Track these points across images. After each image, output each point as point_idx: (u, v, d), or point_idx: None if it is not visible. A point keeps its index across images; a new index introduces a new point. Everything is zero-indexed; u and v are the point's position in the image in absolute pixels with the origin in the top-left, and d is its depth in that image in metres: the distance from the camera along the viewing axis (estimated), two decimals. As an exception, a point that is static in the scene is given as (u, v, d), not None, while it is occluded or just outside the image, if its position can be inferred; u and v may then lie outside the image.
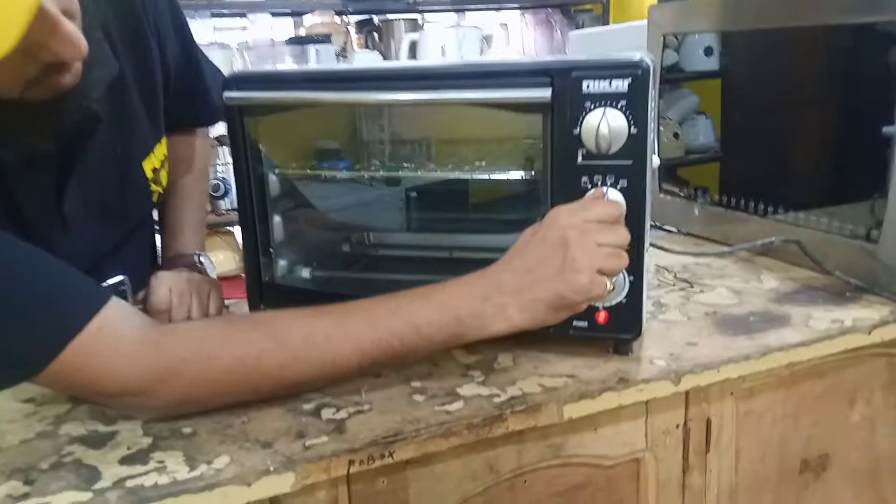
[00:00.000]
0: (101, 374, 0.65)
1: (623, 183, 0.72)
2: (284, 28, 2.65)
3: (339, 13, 2.51)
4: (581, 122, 0.72)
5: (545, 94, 0.71)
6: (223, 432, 0.67)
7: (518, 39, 2.73)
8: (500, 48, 2.61)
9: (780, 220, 1.07)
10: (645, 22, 1.68)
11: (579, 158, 0.73)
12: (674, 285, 1.00)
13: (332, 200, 1.02)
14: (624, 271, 0.74)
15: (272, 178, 0.86)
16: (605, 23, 2.60)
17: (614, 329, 0.77)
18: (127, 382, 0.65)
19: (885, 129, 0.98)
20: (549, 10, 2.70)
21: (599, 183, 0.73)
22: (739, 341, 0.82)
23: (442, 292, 0.71)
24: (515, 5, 2.74)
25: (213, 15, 2.40)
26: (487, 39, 2.44)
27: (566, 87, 0.71)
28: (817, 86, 1.12)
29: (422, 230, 1.04)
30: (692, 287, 0.99)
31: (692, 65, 1.31)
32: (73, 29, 0.62)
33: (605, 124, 0.70)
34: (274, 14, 2.53)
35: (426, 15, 2.72)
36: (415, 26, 2.61)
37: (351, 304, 0.71)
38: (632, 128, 0.71)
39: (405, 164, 0.94)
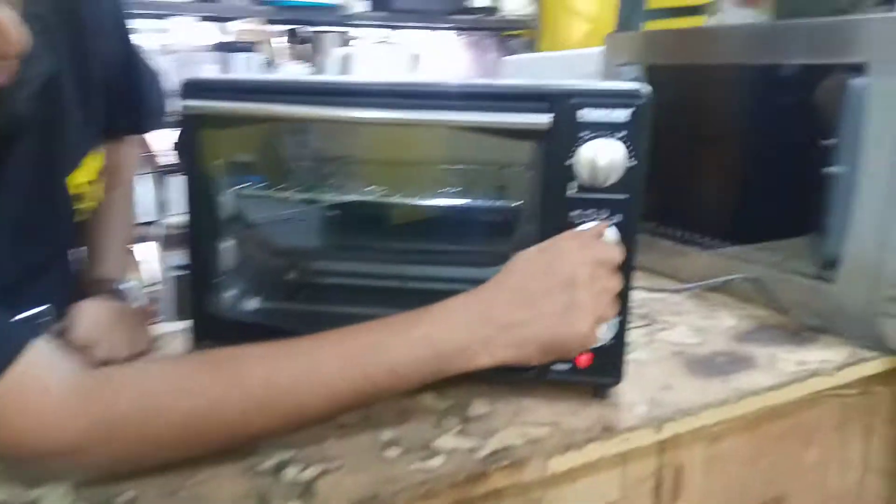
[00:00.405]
0: (23, 431, 0.55)
1: (617, 218, 0.69)
2: (208, 33, 2.52)
3: (268, 22, 2.41)
4: (575, 152, 0.68)
5: (544, 119, 0.67)
6: (170, 497, 0.59)
7: (449, 61, 2.70)
8: (431, 68, 2.57)
9: (728, 254, 1.08)
10: (581, 52, 1.69)
11: (570, 190, 0.69)
12: (633, 323, 0.98)
13: (276, 223, 0.94)
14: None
15: (223, 199, 0.78)
16: (537, 49, 2.61)
17: (596, 373, 0.73)
18: (55, 441, 0.55)
19: (825, 170, 1.01)
20: (482, 33, 2.69)
21: (593, 217, 0.69)
22: (714, 384, 0.80)
23: (423, 325, 0.63)
24: (449, 26, 2.72)
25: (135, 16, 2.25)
26: (417, 58, 2.39)
27: (563, 114, 0.67)
28: (744, 120, 1.14)
29: (372, 259, 0.98)
30: (653, 324, 0.97)
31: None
32: (11, 20, 0.53)
33: (602, 155, 0.66)
34: (198, 18, 2.40)
35: (357, 30, 2.65)
36: (346, 40, 2.54)
37: (317, 338, 0.63)
38: (631, 160, 0.68)
39: (370, 188, 0.87)
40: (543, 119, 0.66)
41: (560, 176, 0.68)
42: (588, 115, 0.67)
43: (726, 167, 1.17)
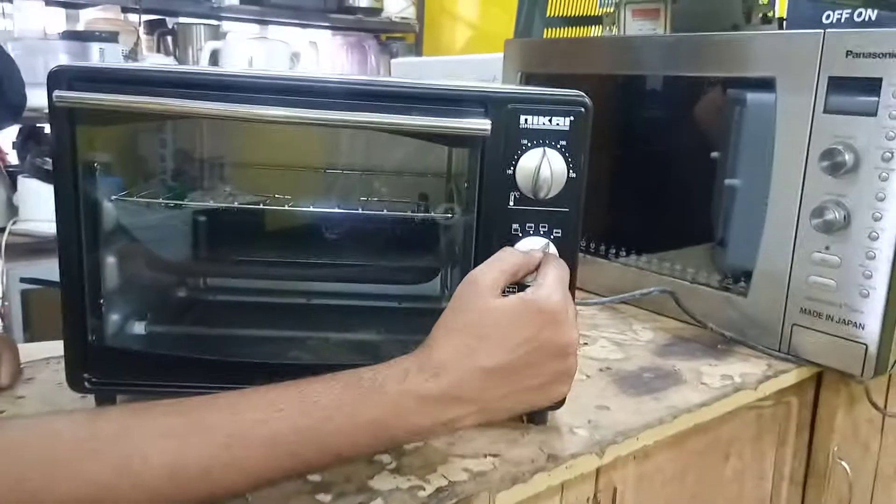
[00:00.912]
0: None
1: (557, 232, 0.64)
2: (57, 20, 2.28)
3: (126, 10, 2.21)
4: (516, 162, 0.62)
5: (484, 125, 0.61)
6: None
7: (328, 60, 2.60)
8: (309, 67, 2.46)
9: (635, 265, 1.06)
10: (477, 57, 1.65)
11: (511, 201, 0.63)
12: (554, 337, 0.94)
13: (163, 235, 0.83)
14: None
15: (107, 206, 0.67)
16: (419, 53, 2.56)
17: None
18: None
19: (727, 182, 1.02)
20: (362, 34, 2.61)
21: (532, 231, 0.64)
22: (647, 403, 0.77)
23: (372, 406, 0.53)
24: (325, 24, 2.61)
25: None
26: (296, 57, 2.28)
27: (501, 120, 0.62)
28: (645, 131, 1.14)
29: (273, 275, 0.88)
30: (574, 339, 0.93)
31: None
32: None
33: (546, 166, 0.61)
34: (47, 3, 2.16)
35: (228, 23, 2.49)
36: (216, 34, 2.38)
37: (237, 410, 0.52)
38: (570, 172, 0.63)
39: (272, 196, 0.78)
40: (483, 125, 0.60)
41: (500, 186, 0.63)
42: (530, 122, 0.62)
43: (630, 178, 1.16)
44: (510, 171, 0.63)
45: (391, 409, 0.54)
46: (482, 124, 0.61)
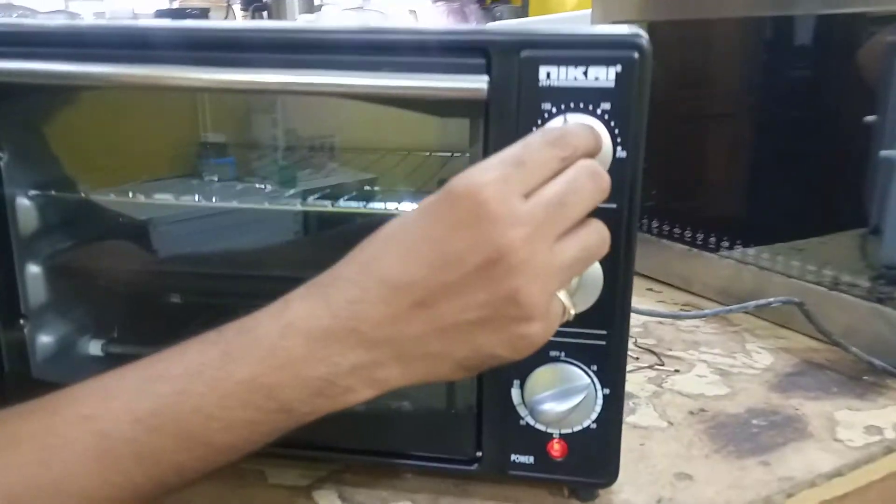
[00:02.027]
0: None
1: (606, 235, 0.43)
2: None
3: (220, -15, 2.15)
4: (534, 136, 0.42)
5: (477, 84, 0.41)
6: None
7: (429, 28, 2.41)
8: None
9: (752, 259, 0.82)
10: (571, 14, 1.43)
11: (528, 195, 0.43)
12: (637, 359, 0.73)
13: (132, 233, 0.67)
14: (594, 384, 0.46)
15: (24, 205, 0.53)
16: (525, 16, 2.34)
17: (576, 470, 0.48)
18: None
19: (884, 154, 0.76)
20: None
21: (561, 238, 0.44)
22: (751, 470, 0.55)
23: (248, 359, 0.37)
24: (427, -10, 2.44)
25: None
26: (394, 26, 2.12)
27: (510, 75, 0.42)
28: (769, 92, 0.89)
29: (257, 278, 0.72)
30: (662, 364, 0.72)
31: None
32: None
33: (576, 142, 0.41)
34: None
35: (325, -6, 2.38)
36: (310, 6, 2.27)
37: (54, 413, 0.38)
38: (618, 149, 0.42)
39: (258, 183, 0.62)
40: (476, 84, 0.41)
41: (511, 174, 0.43)
42: (554, 76, 0.41)
43: (747, 151, 0.92)
44: (526, 151, 0.43)
45: (268, 358, 0.37)
46: (475, 83, 0.41)
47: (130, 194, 0.56)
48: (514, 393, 0.47)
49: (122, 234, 0.63)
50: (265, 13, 2.26)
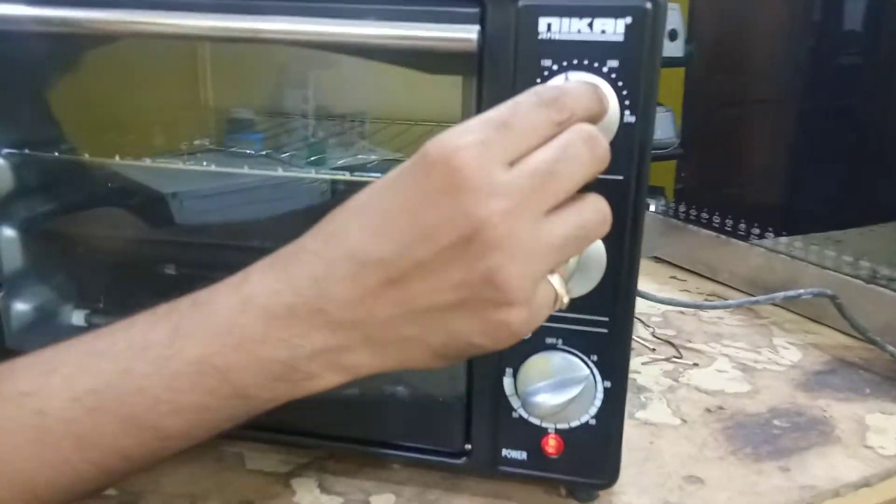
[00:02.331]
0: None
1: (606, 211, 0.39)
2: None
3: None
4: (533, 97, 0.38)
5: (466, 34, 0.37)
6: None
7: None
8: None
9: (785, 249, 0.77)
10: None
11: (525, 164, 0.39)
12: (654, 350, 0.68)
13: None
14: (594, 376, 0.42)
15: (-5, 163, 0.50)
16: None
17: (573, 468, 0.44)
18: None
19: None
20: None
21: (560, 212, 0.39)
22: (769, 475, 0.50)
23: (201, 335, 0.33)
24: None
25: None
26: None
27: (506, 26, 0.37)
28: (813, 71, 0.83)
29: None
30: (680, 356, 0.67)
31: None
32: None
33: (577, 103, 0.36)
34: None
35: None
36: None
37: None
38: (626, 113, 0.38)
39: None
40: (463, 34, 0.36)
41: (506, 139, 0.38)
42: (556, 28, 0.37)
43: (786, 137, 0.86)
44: (523, 113, 0.38)
45: (222, 335, 0.33)
46: (464, 33, 0.36)
47: (117, 158, 0.52)
48: (507, 382, 0.43)
49: (115, 200, 0.60)
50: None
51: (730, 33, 0.91)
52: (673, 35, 1.04)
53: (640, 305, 0.72)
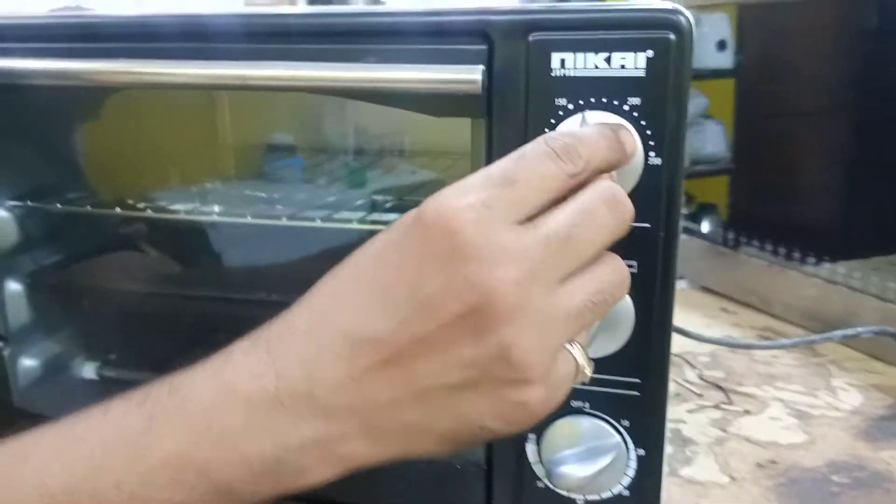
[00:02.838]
0: None
1: (631, 265, 0.35)
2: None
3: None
4: (546, 140, 0.34)
5: (470, 75, 0.33)
6: None
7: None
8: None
9: (844, 278, 0.71)
10: None
11: (541, 212, 0.35)
12: (700, 395, 0.63)
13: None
14: (626, 443, 0.37)
15: (0, 217, 0.49)
16: None
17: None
18: None
19: None
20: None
21: (581, 264, 0.36)
22: (829, 544, 0.45)
23: (178, 427, 0.30)
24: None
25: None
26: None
27: (516, 63, 0.34)
28: (874, 83, 0.77)
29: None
30: (729, 401, 0.62)
31: (702, 61, 0.96)
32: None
33: (595, 146, 0.33)
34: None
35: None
36: None
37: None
38: (651, 154, 0.34)
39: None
40: (467, 74, 0.33)
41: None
42: (570, 64, 0.33)
43: (841, 152, 0.81)
44: (537, 157, 0.35)
45: (200, 427, 0.29)
46: (467, 74, 0.33)
47: (118, 210, 0.50)
48: (530, 449, 0.39)
49: (124, 245, 0.58)
50: (329, 3, 2.23)
51: (781, 41, 0.86)
52: (722, 45, 0.99)
53: (687, 344, 0.67)
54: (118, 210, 0.49)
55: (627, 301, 0.36)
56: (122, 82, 0.41)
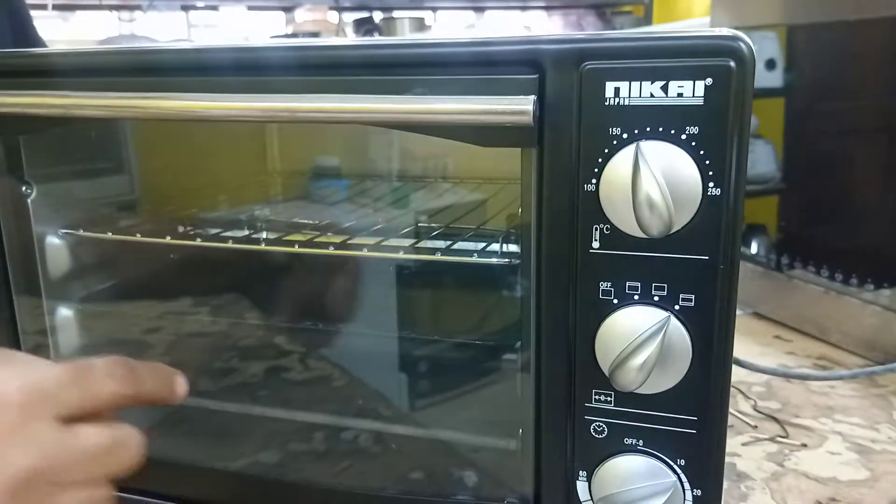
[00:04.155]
0: None
1: (687, 299, 0.34)
2: (268, 25, 2.29)
3: (332, 8, 2.15)
4: (601, 171, 0.33)
5: (521, 106, 0.33)
6: None
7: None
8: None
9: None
10: (700, 21, 1.32)
11: (595, 241, 0.35)
12: (755, 427, 0.61)
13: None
14: (681, 483, 0.36)
15: (53, 244, 0.49)
16: (648, 25, 2.21)
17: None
18: None
19: None
20: (581, 11, 2.31)
21: (637, 296, 0.34)
22: (897, 590, 0.43)
23: None
24: (541, 4, 2.36)
25: (184, 8, 2.05)
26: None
27: (569, 93, 0.33)
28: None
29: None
30: (786, 435, 0.60)
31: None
32: None
33: (648, 176, 0.32)
34: (252, 8, 2.16)
35: (437, 13, 2.34)
36: (421, 25, 2.24)
37: None
38: (710, 185, 0.33)
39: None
40: (518, 105, 0.32)
41: (572, 213, 0.34)
42: (625, 92, 0.33)
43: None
44: (591, 188, 0.34)
45: None
46: (518, 105, 0.32)
47: (168, 239, 0.51)
48: (580, 487, 0.38)
49: (172, 272, 0.58)
50: (376, 34, 2.25)
51: (833, 59, 0.84)
52: (771, 65, 0.97)
53: (740, 373, 0.65)
54: (168, 239, 0.50)
55: (684, 335, 0.34)
56: (174, 117, 0.41)
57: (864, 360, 0.71)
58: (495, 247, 0.46)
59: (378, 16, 2.27)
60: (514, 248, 0.45)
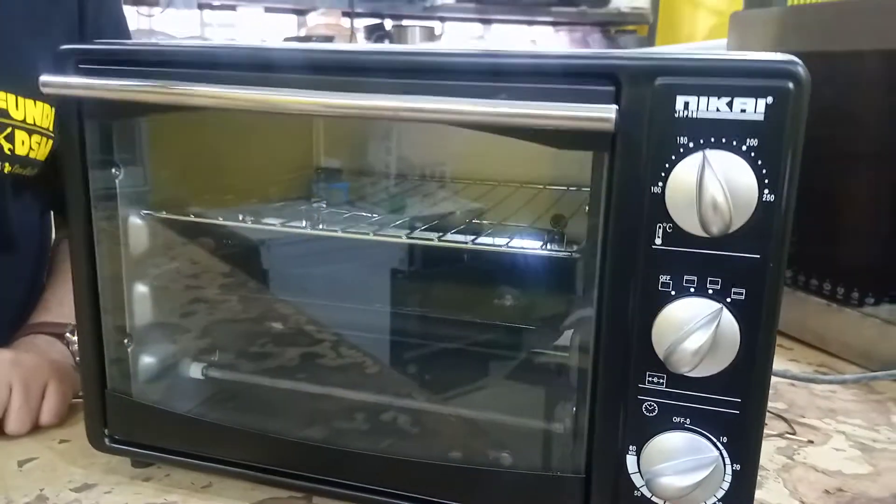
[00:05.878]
0: None
1: (738, 293, 0.38)
2: (281, 27, 2.33)
3: (346, 14, 2.19)
4: (668, 174, 0.38)
5: (605, 114, 0.37)
6: None
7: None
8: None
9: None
10: (705, 43, 1.37)
11: (658, 238, 0.39)
12: (766, 424, 0.65)
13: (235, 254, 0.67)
14: (723, 458, 0.40)
15: (136, 224, 0.53)
16: (651, 45, 2.27)
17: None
18: None
19: None
20: (587, 28, 2.37)
21: (693, 288, 0.39)
22: (902, 569, 0.47)
23: None
24: (548, 20, 2.41)
25: (201, 6, 2.08)
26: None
27: (642, 105, 0.38)
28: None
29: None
30: (793, 432, 0.64)
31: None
32: None
33: (718, 181, 0.36)
34: (269, 10, 2.20)
35: (446, 24, 2.39)
36: (431, 35, 2.29)
37: None
38: (765, 192, 0.37)
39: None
40: (601, 113, 0.37)
41: (639, 213, 0.39)
42: (693, 107, 0.37)
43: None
44: (657, 190, 0.38)
45: None
46: (602, 113, 0.37)
47: (241, 217, 0.55)
48: (630, 460, 0.42)
49: (230, 257, 0.62)
50: (387, 41, 2.29)
51: (830, 82, 0.89)
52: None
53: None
54: (241, 222, 0.53)
55: (733, 324, 0.39)
56: (284, 110, 0.44)
57: (862, 370, 0.76)
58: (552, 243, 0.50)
59: (389, 24, 2.31)
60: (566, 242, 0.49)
